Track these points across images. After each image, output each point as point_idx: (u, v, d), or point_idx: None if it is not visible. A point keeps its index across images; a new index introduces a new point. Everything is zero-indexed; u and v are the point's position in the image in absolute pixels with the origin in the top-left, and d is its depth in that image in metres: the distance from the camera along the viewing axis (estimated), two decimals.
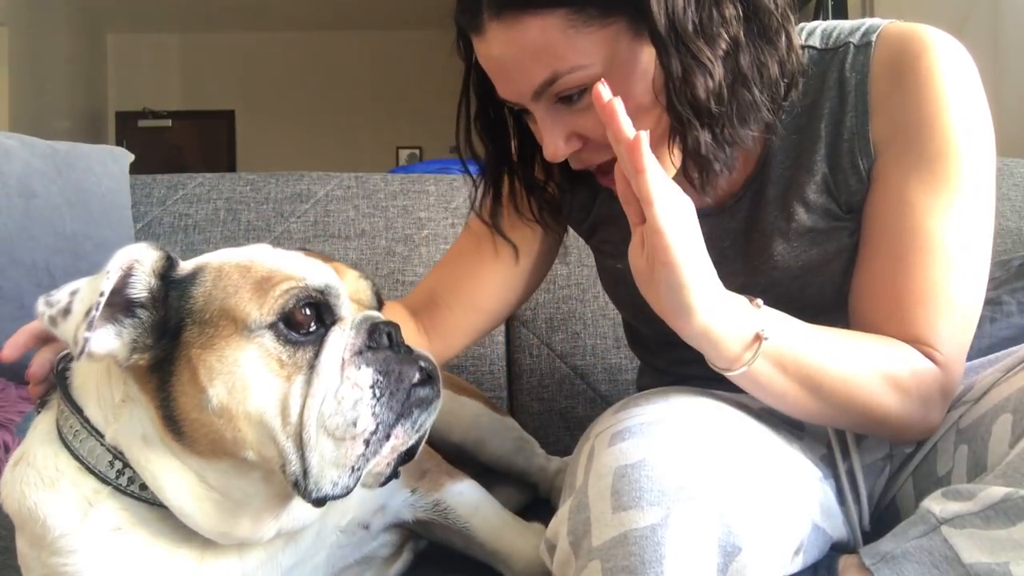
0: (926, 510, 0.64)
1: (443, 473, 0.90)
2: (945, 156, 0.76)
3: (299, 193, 1.56)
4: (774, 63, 0.75)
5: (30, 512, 0.67)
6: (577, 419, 1.48)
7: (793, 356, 0.70)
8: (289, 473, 0.63)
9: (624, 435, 0.65)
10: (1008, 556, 0.57)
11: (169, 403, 0.64)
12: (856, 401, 0.72)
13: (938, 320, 0.75)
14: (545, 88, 0.73)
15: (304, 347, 0.64)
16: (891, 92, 0.79)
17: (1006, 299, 1.32)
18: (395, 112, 7.09)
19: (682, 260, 0.63)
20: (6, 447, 1.24)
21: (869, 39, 0.81)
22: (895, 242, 0.77)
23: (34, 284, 1.32)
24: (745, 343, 0.68)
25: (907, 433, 0.78)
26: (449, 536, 0.89)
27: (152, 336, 0.64)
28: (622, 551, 0.58)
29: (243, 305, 0.64)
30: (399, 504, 0.86)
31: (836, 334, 0.74)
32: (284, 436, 0.63)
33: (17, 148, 1.40)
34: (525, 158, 0.90)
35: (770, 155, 0.84)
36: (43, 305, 0.63)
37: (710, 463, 0.62)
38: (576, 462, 0.73)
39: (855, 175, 0.81)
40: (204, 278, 0.66)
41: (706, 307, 0.65)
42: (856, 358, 0.72)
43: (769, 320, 0.70)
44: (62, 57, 6.21)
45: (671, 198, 0.64)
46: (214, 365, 0.63)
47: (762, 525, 0.60)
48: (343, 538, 0.81)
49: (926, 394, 0.74)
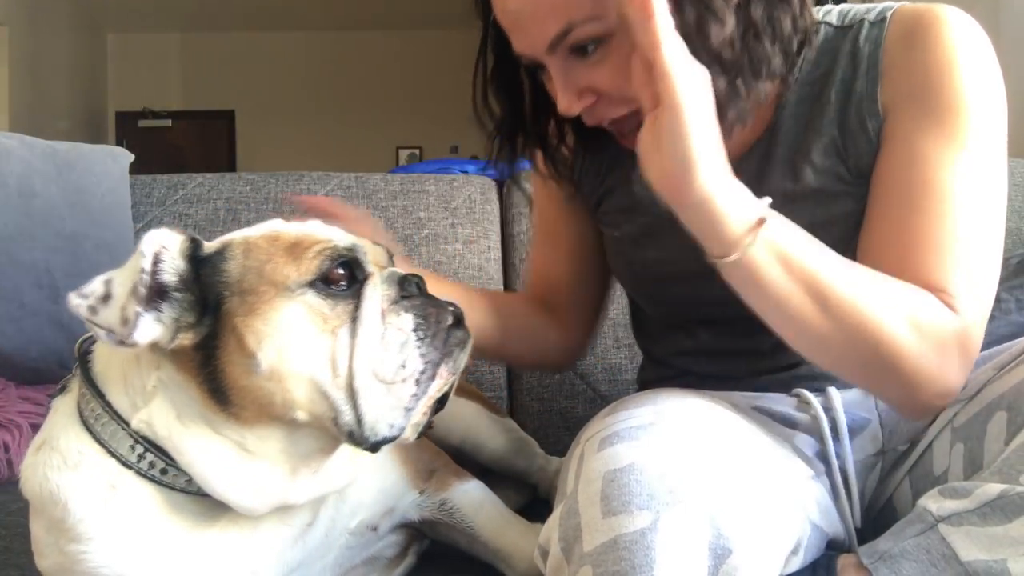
0: (923, 508, 0.64)
1: (451, 473, 0.91)
2: (955, 111, 0.75)
3: (299, 193, 1.56)
4: (787, 18, 0.76)
5: (51, 494, 0.67)
6: (577, 419, 1.48)
7: (799, 255, 0.68)
8: (342, 424, 0.66)
9: (613, 440, 0.65)
10: (1005, 553, 0.57)
11: (215, 376, 0.66)
12: (867, 326, 0.68)
13: (953, 267, 0.72)
14: (560, 40, 0.74)
15: (344, 300, 0.67)
16: (902, 56, 0.79)
17: (1004, 296, 1.32)
18: (395, 112, 7.09)
19: (687, 105, 0.63)
20: (6, 447, 1.24)
21: (884, 15, 0.83)
22: (905, 193, 0.76)
23: (34, 284, 1.32)
24: (747, 225, 0.66)
25: (921, 388, 0.71)
26: (453, 535, 0.89)
27: (193, 314, 0.66)
28: (612, 556, 0.58)
29: (280, 269, 0.67)
30: (407, 505, 0.86)
31: (850, 261, 0.72)
32: (335, 388, 0.65)
33: (17, 148, 1.40)
34: (539, 118, 0.91)
35: (780, 119, 0.85)
36: (77, 298, 0.63)
37: (699, 466, 0.61)
38: (567, 467, 0.73)
39: (864, 136, 0.81)
40: (233, 252, 0.68)
41: (708, 167, 0.65)
42: (871, 283, 0.70)
43: (775, 214, 0.69)
44: (62, 57, 6.21)
45: (681, 48, 0.64)
46: (260, 329, 0.65)
47: (753, 526, 0.60)
48: (351, 539, 0.81)
49: (942, 340, 0.69)
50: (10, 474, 1.20)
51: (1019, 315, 1.32)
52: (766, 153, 0.87)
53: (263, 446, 0.68)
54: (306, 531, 0.76)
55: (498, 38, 0.84)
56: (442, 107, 7.16)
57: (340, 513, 0.79)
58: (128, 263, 0.65)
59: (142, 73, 7.18)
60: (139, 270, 0.63)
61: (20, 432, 1.25)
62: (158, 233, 0.66)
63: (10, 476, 1.20)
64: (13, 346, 1.30)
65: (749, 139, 0.87)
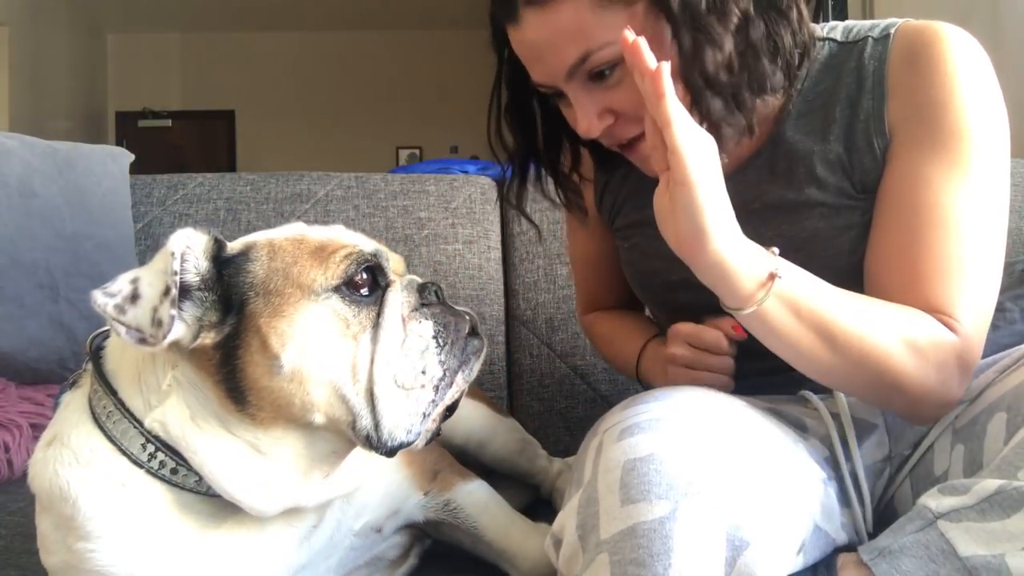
0: (922, 506, 0.64)
1: (455, 474, 0.91)
2: (958, 136, 0.78)
3: (299, 193, 1.57)
4: (787, 33, 0.79)
5: (61, 491, 0.67)
6: (577, 419, 1.48)
7: (807, 301, 0.72)
8: (360, 429, 0.67)
9: (633, 430, 0.65)
10: (1003, 548, 0.58)
11: (235, 375, 0.66)
12: (871, 357, 0.72)
13: (956, 292, 0.75)
14: (578, 66, 0.78)
15: (367, 307, 0.69)
16: (906, 76, 0.81)
17: (1009, 306, 1.32)
18: (395, 112, 7.09)
19: (698, 180, 0.67)
20: (6, 447, 1.24)
21: (888, 32, 0.84)
22: (910, 217, 0.79)
23: (34, 284, 1.32)
24: (759, 281, 0.70)
25: (924, 402, 0.76)
26: (458, 535, 0.90)
27: (216, 313, 0.66)
28: (630, 544, 0.58)
29: (307, 272, 0.68)
30: (412, 506, 0.87)
31: (853, 294, 0.75)
32: (355, 393, 0.66)
33: (17, 148, 1.40)
34: (552, 148, 0.96)
35: (782, 132, 0.87)
36: (103, 296, 0.63)
37: (718, 458, 0.62)
38: (583, 457, 0.73)
39: (870, 154, 0.83)
40: (258, 254, 0.69)
41: (721, 233, 0.69)
42: (873, 315, 0.73)
43: (784, 264, 0.72)
44: (62, 57, 6.21)
45: (690, 125, 0.68)
46: (285, 331, 0.66)
47: (769, 521, 0.60)
48: (356, 541, 0.82)
49: (943, 360, 0.73)
50: (10, 474, 1.20)
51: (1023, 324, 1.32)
52: (768, 165, 0.88)
53: (277, 448, 0.68)
54: (312, 533, 0.76)
55: (513, 74, 0.88)
56: (442, 107, 7.19)
57: (345, 515, 0.80)
58: (154, 262, 0.65)
59: (142, 73, 7.18)
60: (170, 271, 0.63)
61: (20, 432, 1.25)
62: (184, 233, 0.66)
63: (10, 476, 1.20)
64: (13, 346, 1.30)
65: (751, 150, 0.89)
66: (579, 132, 0.83)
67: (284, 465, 0.69)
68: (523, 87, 0.88)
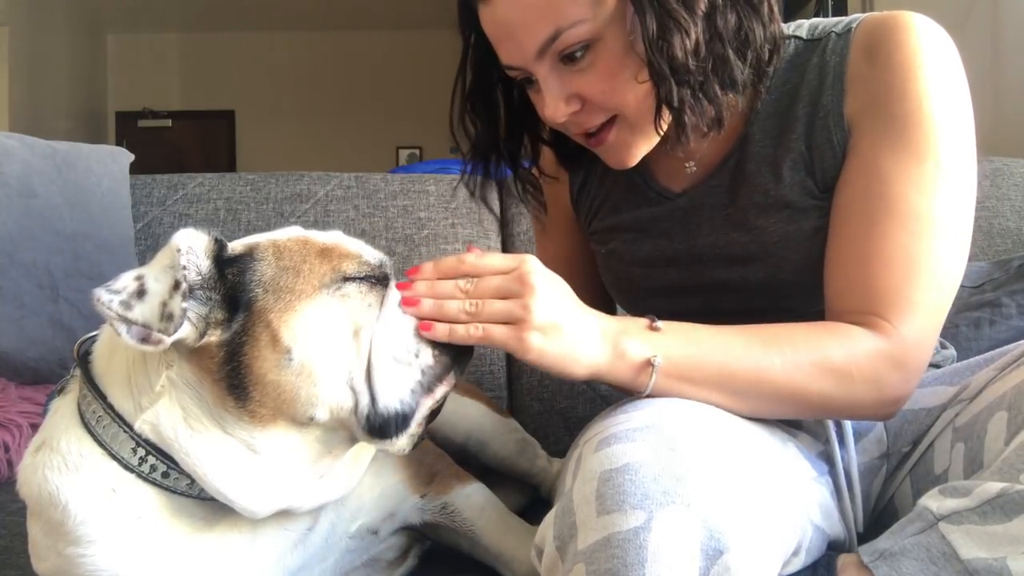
0: (923, 507, 0.64)
1: (452, 476, 0.91)
2: (916, 124, 0.76)
3: (299, 193, 1.57)
4: (758, 27, 0.78)
5: (51, 496, 0.67)
6: (577, 419, 1.48)
7: (697, 370, 0.73)
8: (360, 410, 0.69)
9: (610, 440, 0.65)
10: (1005, 551, 0.57)
11: (239, 371, 0.66)
12: (783, 392, 0.73)
13: (899, 289, 0.74)
14: (548, 45, 0.76)
15: (373, 301, 0.72)
16: (865, 67, 0.80)
17: (1006, 301, 1.32)
18: (395, 112, 7.09)
19: (543, 360, 0.70)
20: (6, 447, 1.24)
21: (850, 27, 0.83)
22: (863, 209, 0.77)
23: (34, 284, 1.32)
24: (638, 370, 0.72)
25: (863, 413, 0.77)
26: (455, 538, 0.90)
27: (223, 311, 0.67)
28: (605, 554, 0.58)
29: (316, 270, 0.70)
30: (408, 509, 0.86)
31: (746, 332, 0.75)
32: (358, 377, 0.69)
33: (17, 148, 1.40)
34: (512, 138, 0.94)
35: (750, 133, 0.86)
36: (107, 293, 0.62)
37: (695, 467, 0.61)
38: (565, 469, 0.73)
39: (830, 151, 0.82)
40: (263, 254, 0.70)
41: (585, 365, 0.71)
42: (774, 354, 0.73)
43: (661, 341, 0.73)
44: (62, 57, 6.21)
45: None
46: (297, 325, 0.67)
47: (748, 528, 0.59)
48: (352, 543, 0.82)
49: (871, 373, 0.73)
50: (10, 474, 1.20)
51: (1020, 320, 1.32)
52: (738, 167, 0.87)
53: (273, 447, 0.68)
54: (307, 536, 0.76)
55: (477, 57, 0.86)
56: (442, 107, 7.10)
57: (340, 517, 0.79)
58: (158, 259, 0.65)
59: (142, 73, 7.18)
60: (178, 266, 0.63)
61: (20, 432, 1.25)
62: (186, 232, 0.66)
63: (10, 476, 1.20)
64: (13, 346, 1.30)
65: (721, 151, 0.88)
66: (545, 117, 0.82)
67: (279, 465, 0.69)
68: (488, 74, 0.87)
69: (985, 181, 1.72)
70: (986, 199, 1.70)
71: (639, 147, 0.83)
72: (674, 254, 0.92)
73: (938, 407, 0.83)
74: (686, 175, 0.91)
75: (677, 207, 0.92)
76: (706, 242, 0.90)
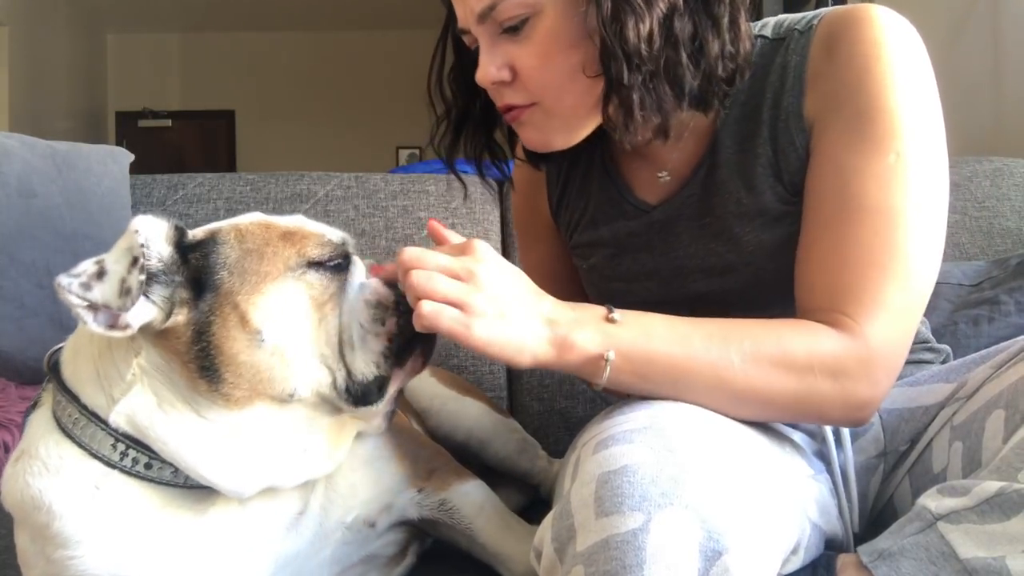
0: (922, 507, 0.64)
1: (451, 473, 0.91)
2: (875, 117, 0.74)
3: (299, 193, 1.57)
4: (714, 40, 0.76)
5: (33, 500, 0.67)
6: (577, 419, 1.48)
7: (648, 361, 0.71)
8: (339, 385, 0.71)
9: (608, 442, 0.65)
10: (1004, 550, 0.57)
11: (209, 353, 0.67)
12: (741, 390, 0.71)
13: (867, 283, 0.72)
14: (488, 12, 0.78)
15: (338, 278, 0.74)
16: (824, 64, 0.79)
17: (1004, 299, 1.32)
18: (395, 112, 7.07)
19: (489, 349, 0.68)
20: (6, 447, 1.24)
21: (812, 24, 0.81)
22: (828, 210, 0.76)
23: (34, 284, 1.32)
24: (589, 363, 0.71)
25: (828, 414, 0.74)
26: (453, 535, 0.89)
27: (188, 292, 0.67)
28: (604, 556, 0.58)
29: (281, 252, 0.71)
30: (405, 502, 0.86)
31: (707, 325, 0.72)
32: (329, 353, 0.71)
33: (17, 148, 1.40)
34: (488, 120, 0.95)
35: (719, 139, 0.86)
36: (67, 277, 0.63)
37: (693, 468, 0.61)
38: (564, 472, 0.73)
39: (795, 153, 0.81)
40: (226, 238, 0.71)
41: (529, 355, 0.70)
42: (728, 346, 0.71)
43: (616, 332, 0.71)
44: (62, 57, 6.21)
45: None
46: (264, 305, 0.68)
47: (747, 528, 0.59)
48: (348, 535, 0.81)
49: (835, 370, 0.70)
50: None
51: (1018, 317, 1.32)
52: (709, 174, 0.87)
53: (251, 426, 0.69)
54: (298, 521, 0.76)
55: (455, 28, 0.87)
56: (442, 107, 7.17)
57: (333, 504, 0.79)
58: (117, 245, 0.66)
59: (142, 73, 7.17)
60: (137, 245, 0.64)
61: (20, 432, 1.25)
62: (143, 218, 0.67)
63: None
64: (13, 346, 1.30)
65: (692, 160, 0.88)
66: (477, 78, 0.82)
67: (259, 444, 0.69)
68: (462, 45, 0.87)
69: (985, 181, 1.72)
70: (986, 199, 1.70)
71: (556, 135, 0.84)
72: (654, 268, 0.92)
73: (935, 405, 0.83)
74: (661, 186, 0.91)
75: (654, 220, 0.92)
76: (685, 253, 0.90)
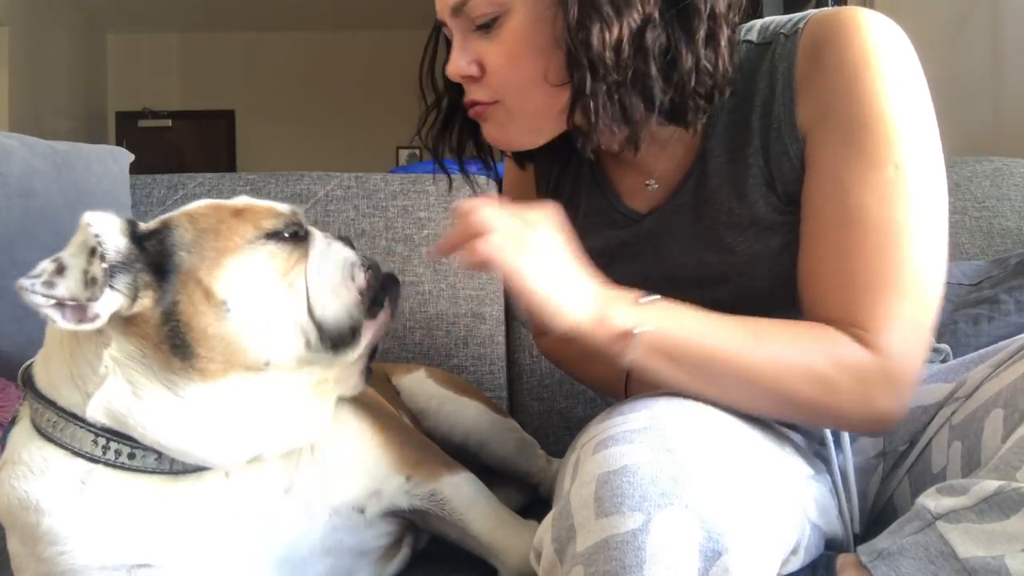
0: (921, 506, 0.64)
1: (440, 464, 0.90)
2: (870, 127, 0.73)
3: (299, 193, 1.57)
4: (688, 54, 0.75)
5: (21, 502, 0.68)
6: (577, 419, 1.48)
7: (676, 344, 0.71)
8: (314, 344, 0.73)
9: (608, 443, 0.65)
10: (1003, 549, 0.57)
11: (179, 331, 0.68)
12: (764, 385, 0.71)
13: (875, 299, 0.71)
14: (459, 8, 0.79)
15: (298, 246, 0.76)
16: (812, 71, 0.77)
17: (1004, 298, 1.32)
18: (395, 112, 7.04)
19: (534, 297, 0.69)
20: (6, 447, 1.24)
21: (797, 27, 0.80)
22: (829, 223, 0.75)
23: None
24: (618, 339, 0.70)
25: (849, 422, 0.74)
26: (444, 527, 0.89)
27: (149, 275, 0.68)
28: (604, 556, 0.58)
29: (236, 227, 0.73)
30: (394, 489, 0.86)
31: (734, 320, 0.72)
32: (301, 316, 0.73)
33: (17, 148, 1.40)
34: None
35: (708, 148, 0.85)
36: (27, 280, 0.64)
37: (693, 468, 0.61)
38: (563, 473, 0.73)
39: (788, 163, 0.80)
40: (178, 222, 0.72)
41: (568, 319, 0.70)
42: (758, 342, 0.71)
43: (648, 313, 0.71)
44: (62, 57, 6.21)
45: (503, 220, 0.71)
46: (226, 278, 0.70)
47: (747, 528, 0.59)
48: (337, 520, 0.81)
49: (859, 380, 0.70)
50: None
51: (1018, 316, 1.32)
52: (699, 183, 0.86)
53: (229, 397, 0.70)
54: (284, 499, 0.77)
55: None
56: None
57: (319, 482, 0.80)
58: (71, 242, 0.67)
59: (142, 73, 7.18)
60: (91, 236, 0.66)
61: None
62: (93, 213, 0.69)
63: None
64: (13, 346, 1.30)
65: (681, 168, 0.87)
66: (447, 71, 0.85)
67: (239, 413, 0.70)
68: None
69: (985, 181, 1.72)
70: (986, 199, 1.70)
71: (519, 135, 0.85)
72: (646, 277, 0.91)
73: (934, 405, 0.83)
74: (650, 194, 0.90)
75: (643, 230, 0.91)
76: (677, 264, 0.89)
